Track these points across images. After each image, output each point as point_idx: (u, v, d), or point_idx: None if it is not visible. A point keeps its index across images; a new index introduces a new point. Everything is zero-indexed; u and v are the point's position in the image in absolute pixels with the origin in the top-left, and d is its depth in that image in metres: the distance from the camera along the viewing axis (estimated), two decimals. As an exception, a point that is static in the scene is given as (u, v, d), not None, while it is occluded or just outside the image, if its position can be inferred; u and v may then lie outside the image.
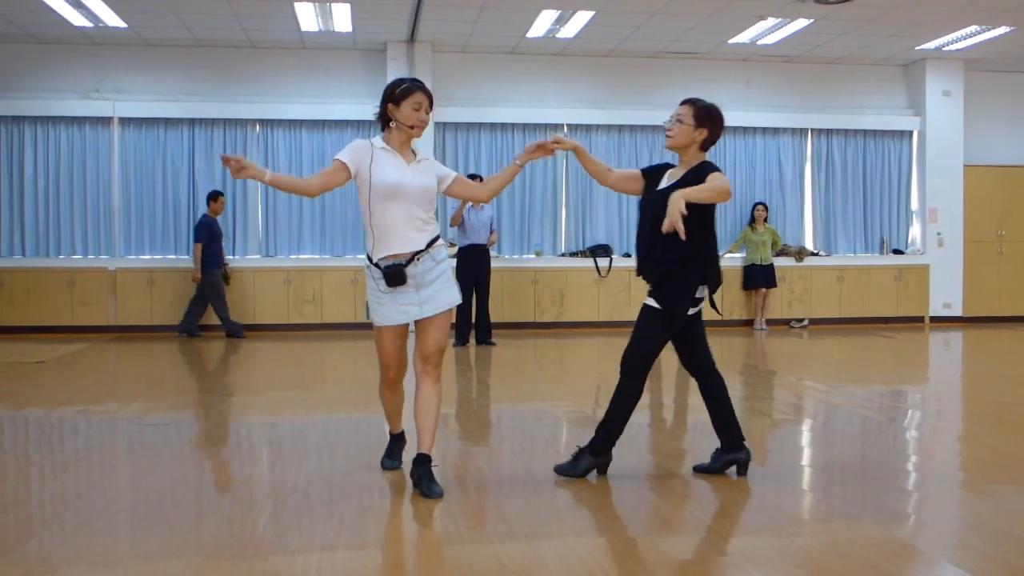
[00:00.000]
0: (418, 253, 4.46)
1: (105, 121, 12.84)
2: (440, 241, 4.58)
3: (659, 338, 4.74)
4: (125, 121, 12.86)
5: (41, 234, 12.80)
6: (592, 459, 4.78)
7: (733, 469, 4.87)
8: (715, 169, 4.58)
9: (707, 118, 4.67)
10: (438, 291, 4.52)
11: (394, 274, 4.40)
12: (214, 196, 12.26)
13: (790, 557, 3.62)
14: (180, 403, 7.34)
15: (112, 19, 11.46)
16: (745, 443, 4.87)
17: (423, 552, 3.73)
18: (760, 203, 13.60)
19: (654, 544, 3.76)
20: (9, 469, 5.25)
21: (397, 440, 5.03)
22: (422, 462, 4.48)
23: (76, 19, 11.43)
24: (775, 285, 13.45)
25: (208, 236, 12.03)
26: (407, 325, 4.60)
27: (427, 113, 4.51)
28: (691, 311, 4.70)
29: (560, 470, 4.80)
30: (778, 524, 4.07)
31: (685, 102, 4.73)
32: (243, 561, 3.51)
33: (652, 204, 4.63)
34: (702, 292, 4.68)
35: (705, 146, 4.71)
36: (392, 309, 4.49)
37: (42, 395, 7.83)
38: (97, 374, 9.53)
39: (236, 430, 6.41)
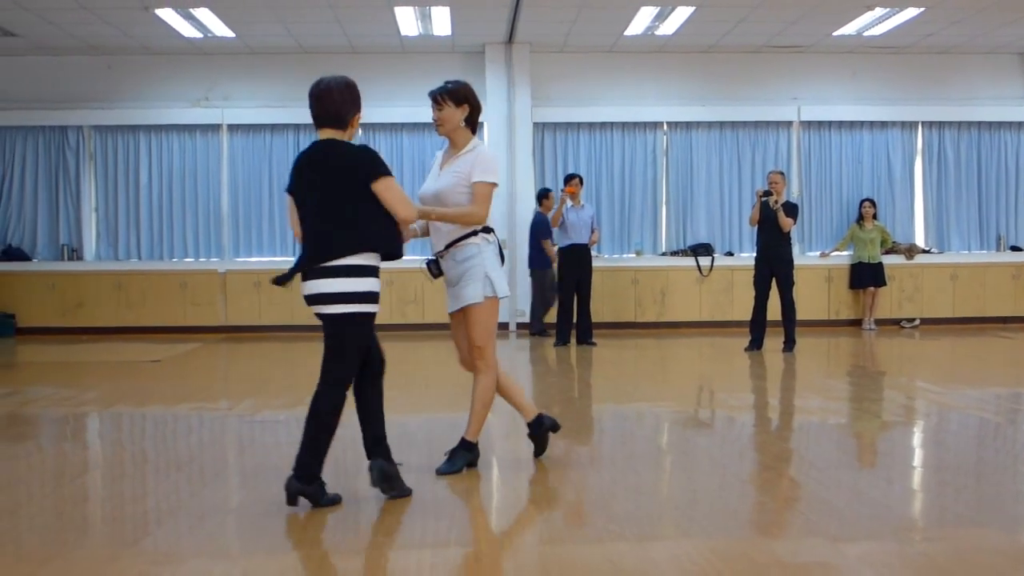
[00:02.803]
0: (442, 252, 4.77)
1: (214, 128, 13.24)
2: (467, 240, 4.70)
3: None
4: (233, 127, 13.24)
5: (155, 238, 13.27)
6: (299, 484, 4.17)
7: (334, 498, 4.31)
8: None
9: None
10: (460, 288, 4.76)
11: (428, 268, 4.86)
12: (544, 193, 12.25)
13: (911, 563, 3.50)
14: (289, 401, 7.50)
15: (221, 29, 11.81)
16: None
17: (535, 551, 3.72)
18: (867, 199, 13.24)
19: (767, 546, 3.69)
20: (127, 465, 5.45)
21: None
22: (459, 444, 4.85)
23: (187, 31, 11.81)
24: (884, 284, 13.06)
25: (548, 232, 12.01)
26: (458, 314, 4.86)
27: (440, 112, 4.89)
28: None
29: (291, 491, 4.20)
30: (895, 528, 3.94)
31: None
32: (358, 556, 3.57)
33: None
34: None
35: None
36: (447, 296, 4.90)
37: (159, 393, 8.11)
38: (210, 373, 9.84)
39: (343, 428, 6.51)
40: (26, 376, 9.54)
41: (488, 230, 4.77)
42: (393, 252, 4.34)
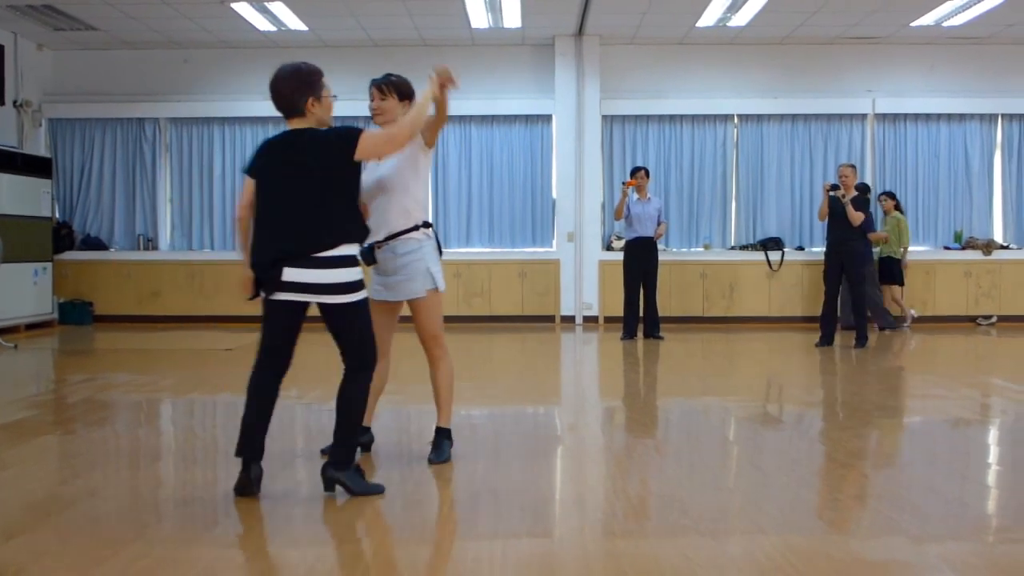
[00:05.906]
0: (379, 242, 4.69)
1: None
2: (408, 235, 4.70)
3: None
4: (305, 120, 13.38)
5: (229, 230, 13.51)
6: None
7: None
8: None
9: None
10: (400, 282, 4.75)
11: (364, 256, 4.61)
12: (866, 188, 12.05)
13: (995, 563, 3.40)
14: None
15: (295, 23, 11.97)
16: None
17: (607, 544, 3.69)
18: (883, 193, 12.57)
19: (844, 543, 3.61)
20: (200, 451, 5.54)
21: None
22: (437, 433, 4.92)
23: (262, 24, 11.99)
24: (897, 282, 12.13)
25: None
26: (385, 303, 4.84)
27: (382, 102, 5.07)
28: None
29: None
30: (974, 527, 3.85)
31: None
32: (429, 546, 3.59)
33: None
34: None
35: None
36: (372, 284, 4.68)
37: (230, 381, 8.21)
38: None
39: (413, 419, 6.57)
40: (104, 363, 9.78)
41: (428, 225, 4.82)
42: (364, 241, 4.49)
